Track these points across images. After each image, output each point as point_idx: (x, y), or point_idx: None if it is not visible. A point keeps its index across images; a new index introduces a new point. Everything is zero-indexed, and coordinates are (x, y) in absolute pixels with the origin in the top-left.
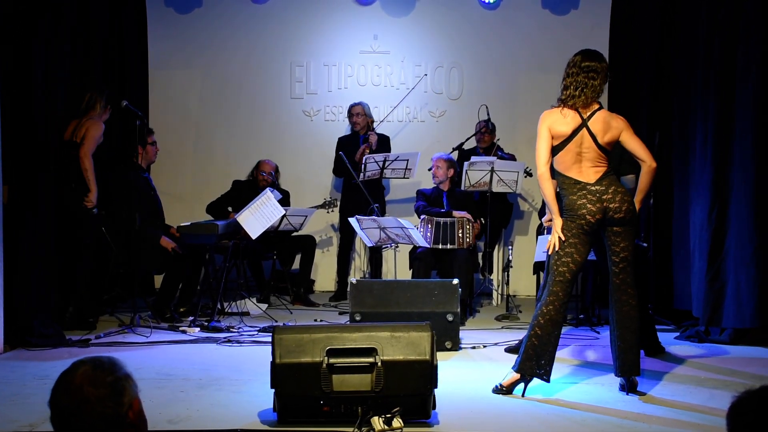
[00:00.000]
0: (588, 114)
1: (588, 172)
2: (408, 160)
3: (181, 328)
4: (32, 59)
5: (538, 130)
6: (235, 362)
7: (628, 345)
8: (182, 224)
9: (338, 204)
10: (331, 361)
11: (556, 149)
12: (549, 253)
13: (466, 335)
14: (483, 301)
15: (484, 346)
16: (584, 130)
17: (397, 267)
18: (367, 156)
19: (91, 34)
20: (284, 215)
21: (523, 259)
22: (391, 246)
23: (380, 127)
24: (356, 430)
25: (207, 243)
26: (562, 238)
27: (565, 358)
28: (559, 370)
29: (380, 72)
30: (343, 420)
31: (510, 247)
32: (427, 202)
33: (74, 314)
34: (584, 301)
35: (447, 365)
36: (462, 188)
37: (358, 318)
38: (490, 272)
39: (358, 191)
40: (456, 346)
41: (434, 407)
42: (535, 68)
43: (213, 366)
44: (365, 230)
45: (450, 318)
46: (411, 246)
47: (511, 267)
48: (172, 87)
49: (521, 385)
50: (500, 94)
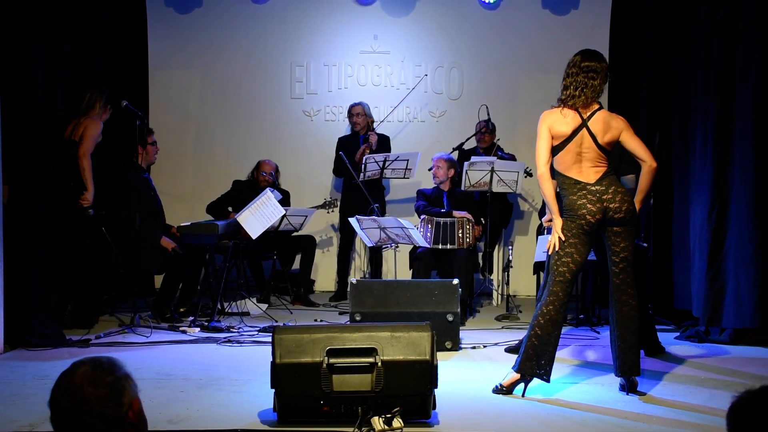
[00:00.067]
0: (588, 114)
1: (588, 172)
2: (408, 160)
3: (181, 328)
4: (32, 59)
5: (538, 130)
6: (235, 362)
7: (628, 345)
8: (182, 224)
9: (338, 204)
10: (331, 361)
11: (556, 149)
12: (549, 253)
13: (466, 335)
14: (483, 301)
15: (484, 346)
16: (584, 130)
17: (397, 267)
18: (367, 156)
19: (91, 34)
20: (284, 215)
21: (523, 259)
22: (391, 246)
23: (380, 127)
24: (356, 430)
25: (207, 243)
26: (562, 238)
27: (565, 358)
28: (559, 370)
29: (380, 72)
30: (343, 420)
31: (510, 247)
32: (427, 202)
33: (74, 314)
34: (584, 301)
35: (447, 365)
36: (462, 188)
37: (358, 318)
38: (490, 272)
39: (358, 191)
40: (456, 346)
41: (434, 407)
42: (535, 68)
43: (213, 366)
44: (365, 230)
45: (450, 318)
46: (411, 246)
47: (511, 267)
48: (172, 87)
49: (521, 385)
50: (500, 94)
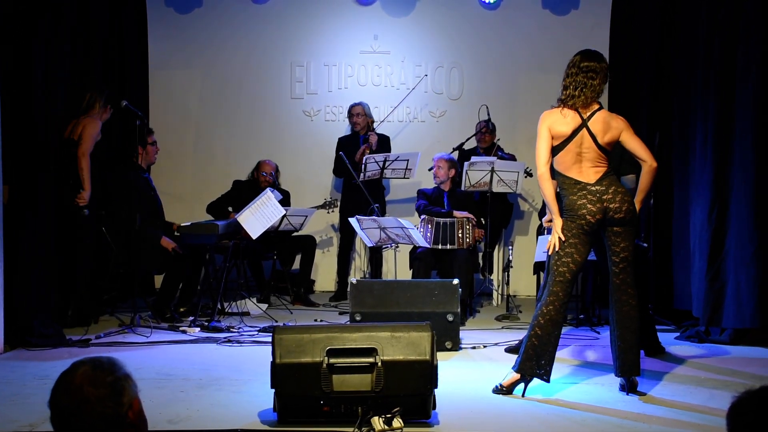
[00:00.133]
0: (588, 114)
1: (588, 173)
2: (408, 160)
3: (181, 328)
4: (32, 59)
5: (538, 131)
6: (235, 362)
7: (628, 345)
8: (182, 224)
9: (338, 204)
10: (332, 361)
11: (556, 149)
12: (549, 254)
13: (466, 335)
14: (483, 301)
15: (484, 346)
16: (584, 130)
17: (397, 267)
18: (367, 156)
19: (91, 34)
20: (284, 215)
21: (524, 259)
22: (391, 246)
23: (380, 128)
24: (356, 430)
25: (207, 243)
26: (562, 239)
27: (565, 358)
28: (559, 370)
29: (380, 72)
30: (343, 420)
31: (510, 247)
32: (428, 202)
33: (74, 314)
34: (584, 301)
35: (447, 365)
36: (462, 188)
37: (358, 318)
38: (491, 272)
39: (359, 191)
40: (456, 346)
41: (434, 407)
42: (535, 68)
43: (213, 366)
44: (365, 230)
45: (450, 318)
46: (411, 246)
47: (512, 267)
48: (172, 87)
49: (521, 385)
50: (500, 94)
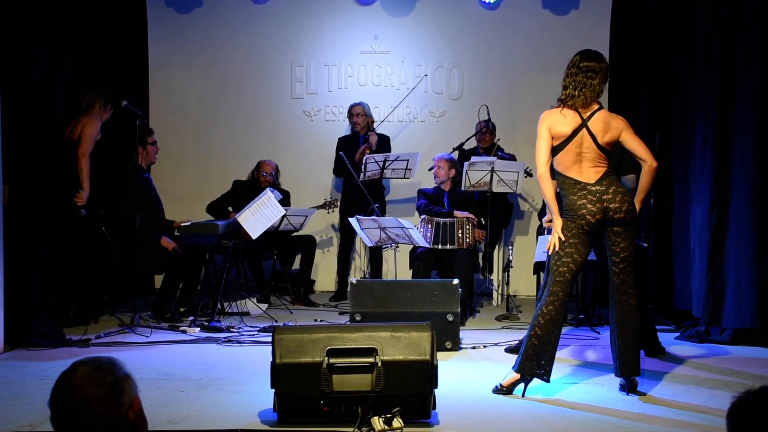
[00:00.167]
0: (588, 114)
1: (588, 173)
2: (408, 160)
3: (181, 328)
4: (32, 59)
5: (537, 131)
6: (235, 362)
7: (628, 345)
8: (182, 224)
9: (338, 204)
10: (332, 361)
11: (556, 149)
12: (549, 254)
13: (466, 335)
14: (483, 301)
15: (485, 346)
16: (584, 130)
17: (397, 267)
18: (367, 156)
19: (91, 34)
20: (284, 215)
21: (524, 259)
22: (391, 246)
23: (380, 128)
24: (356, 430)
25: (207, 243)
26: (562, 239)
27: (565, 358)
28: (559, 370)
29: (380, 72)
30: (343, 420)
31: (510, 247)
32: (428, 201)
33: (74, 313)
34: (584, 301)
35: (447, 365)
36: (462, 188)
37: (358, 318)
38: (491, 272)
39: (359, 191)
40: (456, 346)
41: (434, 407)
42: (535, 68)
43: (213, 366)
44: (365, 230)
45: (450, 318)
46: (411, 246)
47: (512, 267)
48: (172, 87)
49: (521, 385)
50: (500, 94)
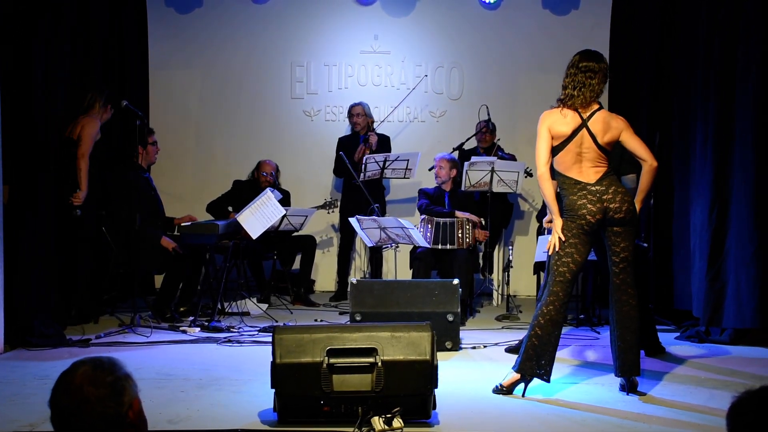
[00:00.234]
0: (588, 114)
1: (588, 173)
2: (408, 160)
3: (181, 328)
4: (32, 59)
5: (537, 131)
6: (235, 362)
7: (628, 345)
8: (183, 224)
9: (338, 204)
10: (332, 361)
11: (556, 149)
12: (549, 254)
13: (466, 335)
14: (483, 301)
15: (485, 346)
16: (584, 130)
17: (397, 267)
18: (367, 156)
19: (91, 34)
20: (284, 215)
21: (524, 259)
22: (391, 246)
23: (381, 128)
24: (356, 430)
25: (207, 243)
26: (563, 239)
27: (565, 358)
28: (559, 370)
29: (381, 72)
30: (343, 420)
31: (510, 247)
32: (429, 201)
33: (75, 313)
34: (584, 301)
35: (447, 365)
36: (462, 188)
37: (358, 318)
38: (491, 272)
39: (359, 191)
40: (456, 346)
41: (434, 407)
42: (535, 68)
43: (213, 366)
44: (365, 230)
45: (450, 318)
46: (411, 246)
47: (512, 267)
48: (173, 87)
49: (521, 385)
50: (500, 94)
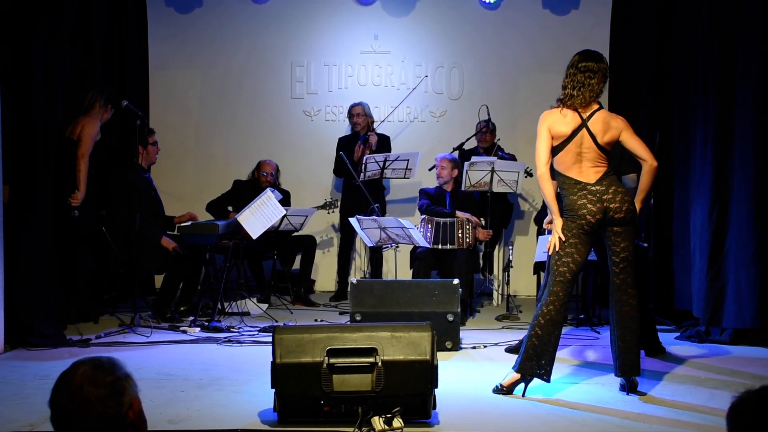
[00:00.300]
0: (587, 114)
1: (588, 173)
2: (408, 160)
3: (181, 328)
4: (32, 59)
5: (537, 131)
6: (235, 362)
7: (629, 345)
8: (183, 224)
9: (338, 204)
10: (332, 361)
11: (556, 149)
12: (549, 254)
13: (466, 335)
14: (483, 301)
15: (485, 346)
16: (584, 130)
17: (397, 267)
18: (367, 156)
19: (91, 34)
20: (285, 215)
21: (524, 259)
22: (391, 246)
23: (381, 128)
24: (356, 430)
25: (207, 243)
26: (563, 239)
27: (565, 358)
28: (559, 370)
29: (381, 72)
30: (343, 420)
31: (510, 247)
32: (430, 201)
33: (75, 313)
34: (585, 301)
35: (447, 365)
36: (462, 188)
37: (358, 318)
38: (491, 272)
39: (359, 191)
40: (456, 346)
41: (434, 407)
42: (535, 68)
43: (213, 366)
44: (366, 230)
45: (450, 318)
46: (411, 246)
47: (512, 267)
48: (173, 87)
49: (521, 385)
50: (500, 94)
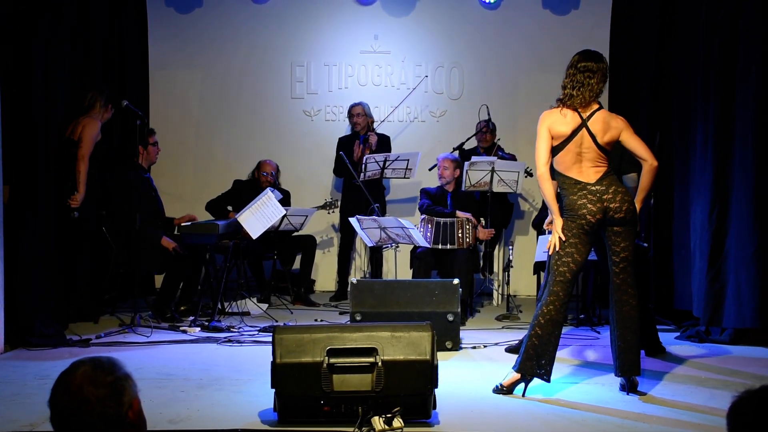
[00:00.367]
0: (587, 114)
1: (588, 172)
2: (408, 160)
3: (181, 328)
4: (32, 59)
5: (537, 131)
6: (235, 362)
7: (629, 345)
8: (183, 224)
9: (339, 204)
10: (332, 360)
11: (556, 149)
12: (549, 253)
13: (466, 335)
14: (483, 301)
15: (485, 346)
16: (584, 130)
17: (397, 267)
18: (367, 156)
19: (91, 34)
20: (285, 215)
21: (524, 259)
22: (391, 246)
23: (381, 127)
24: (357, 430)
25: (207, 243)
26: (563, 238)
27: (565, 358)
28: (559, 370)
29: (381, 72)
30: (343, 420)
31: (510, 247)
32: (431, 201)
33: (75, 313)
34: (585, 301)
35: (447, 365)
36: (462, 188)
37: (358, 318)
38: (491, 272)
39: (359, 191)
40: (456, 346)
41: (435, 407)
42: (535, 68)
43: (213, 366)
44: (366, 230)
45: (450, 318)
46: (411, 246)
47: (512, 267)
48: (173, 87)
49: (522, 385)
50: (500, 94)
